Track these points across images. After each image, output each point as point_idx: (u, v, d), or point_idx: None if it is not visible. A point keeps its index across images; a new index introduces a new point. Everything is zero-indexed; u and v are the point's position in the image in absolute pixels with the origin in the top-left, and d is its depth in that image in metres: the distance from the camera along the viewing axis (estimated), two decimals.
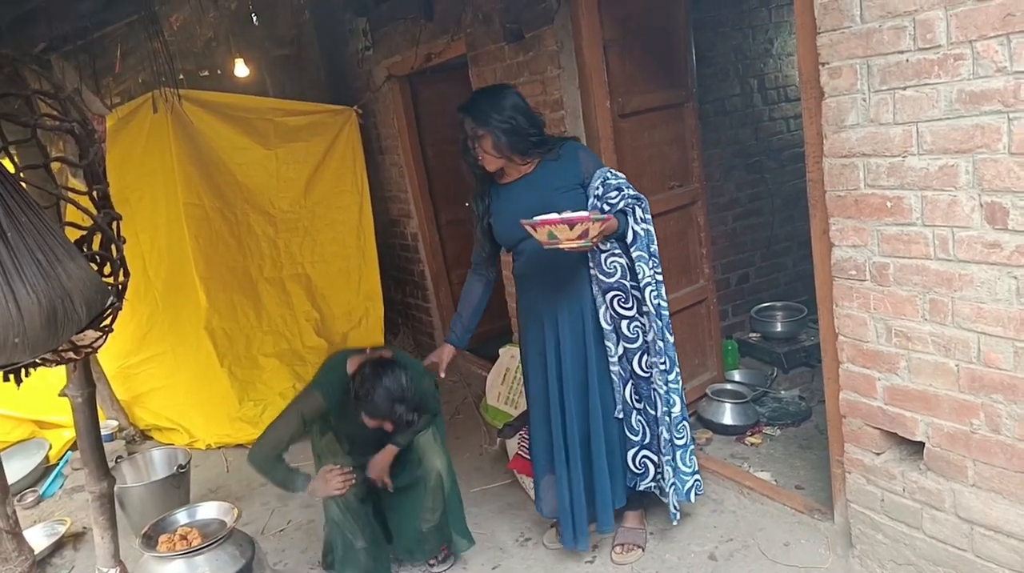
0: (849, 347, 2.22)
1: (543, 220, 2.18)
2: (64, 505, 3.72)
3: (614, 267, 2.42)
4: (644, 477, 2.60)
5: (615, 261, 2.42)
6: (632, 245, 2.40)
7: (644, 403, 2.55)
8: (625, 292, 2.44)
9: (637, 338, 2.49)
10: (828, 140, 2.10)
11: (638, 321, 2.47)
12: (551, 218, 2.18)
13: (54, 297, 1.23)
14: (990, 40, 1.69)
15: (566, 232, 2.14)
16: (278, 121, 4.53)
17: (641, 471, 2.60)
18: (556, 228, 2.15)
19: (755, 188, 4.31)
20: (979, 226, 1.81)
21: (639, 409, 2.56)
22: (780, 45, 4.28)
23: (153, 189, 4.26)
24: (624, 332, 2.48)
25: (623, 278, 2.43)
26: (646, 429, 2.57)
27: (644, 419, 2.57)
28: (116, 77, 3.99)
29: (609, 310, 2.47)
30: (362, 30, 4.78)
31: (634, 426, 2.56)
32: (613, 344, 2.49)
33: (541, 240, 2.19)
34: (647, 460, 2.59)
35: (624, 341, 2.49)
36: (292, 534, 3.19)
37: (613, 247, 2.41)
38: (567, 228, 2.14)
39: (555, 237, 2.16)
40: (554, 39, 3.15)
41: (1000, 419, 1.87)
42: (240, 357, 4.34)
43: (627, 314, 2.46)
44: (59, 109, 1.53)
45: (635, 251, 2.41)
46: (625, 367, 2.52)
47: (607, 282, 2.44)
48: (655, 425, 2.54)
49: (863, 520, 2.31)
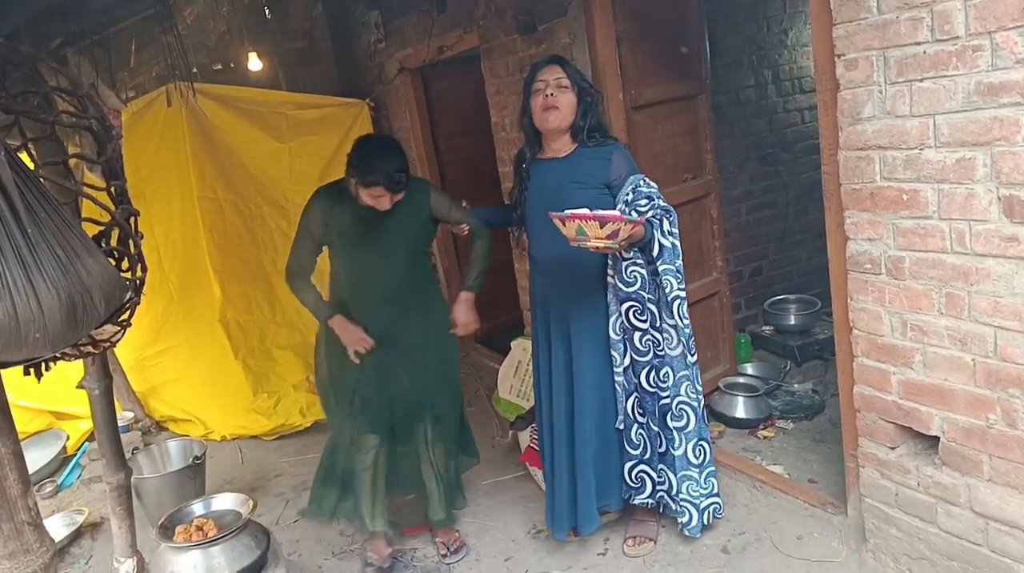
0: (864, 341, 2.21)
1: (574, 214, 2.13)
2: (82, 495, 3.77)
3: (634, 277, 2.39)
4: (640, 492, 2.57)
5: (636, 271, 2.38)
6: (659, 258, 2.36)
7: (648, 418, 2.51)
8: (642, 304, 2.41)
9: (648, 352, 2.45)
10: (843, 132, 2.09)
11: (651, 335, 2.44)
12: (582, 213, 2.13)
13: (74, 292, 1.24)
14: (1010, 31, 1.67)
15: (596, 229, 2.09)
16: (291, 114, 4.55)
17: (637, 485, 2.57)
18: (587, 224, 2.10)
19: (769, 180, 4.29)
20: (997, 219, 1.80)
21: (641, 423, 2.52)
22: (795, 36, 4.24)
23: (168, 182, 4.29)
24: (636, 345, 2.45)
25: (642, 289, 2.39)
26: (647, 444, 2.54)
27: (646, 434, 2.53)
28: (131, 71, 4.01)
29: (622, 319, 2.44)
30: (374, 23, 4.78)
31: (634, 440, 2.53)
32: (620, 354, 2.47)
33: (568, 235, 2.15)
34: (644, 475, 2.56)
35: (634, 353, 2.46)
36: (306, 525, 3.21)
37: (636, 256, 2.37)
38: (598, 225, 2.09)
39: (584, 233, 2.11)
40: (567, 32, 3.14)
41: (1017, 414, 1.86)
42: (254, 349, 4.37)
43: (641, 326, 2.43)
44: (77, 106, 1.55)
45: (662, 264, 2.36)
46: (630, 379, 2.49)
47: (626, 292, 2.40)
48: (657, 440, 2.52)
49: (877, 514, 2.31)
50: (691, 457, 2.54)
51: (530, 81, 2.45)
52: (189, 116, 4.13)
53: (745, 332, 4.04)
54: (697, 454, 2.55)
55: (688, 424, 2.52)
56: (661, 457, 2.54)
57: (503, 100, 3.73)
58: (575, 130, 2.44)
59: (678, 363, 2.48)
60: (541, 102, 2.39)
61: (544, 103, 2.38)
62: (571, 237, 2.15)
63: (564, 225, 2.14)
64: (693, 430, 2.53)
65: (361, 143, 2.49)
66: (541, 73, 2.42)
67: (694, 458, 2.55)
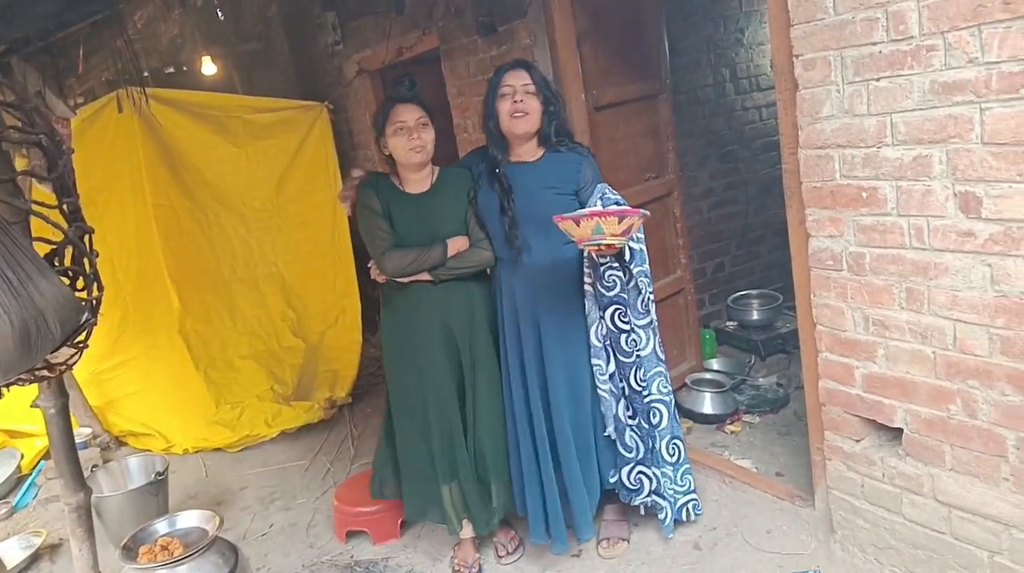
0: (827, 336, 2.24)
1: (593, 212, 2.05)
2: (39, 516, 3.64)
3: (613, 281, 2.39)
4: (639, 493, 2.56)
5: (614, 275, 2.38)
6: (631, 261, 2.38)
7: (639, 417, 2.52)
8: (625, 306, 2.42)
9: (632, 352, 2.46)
10: (803, 131, 2.12)
11: (635, 334, 2.46)
12: (600, 210, 2.06)
13: (27, 317, 1.19)
14: (962, 31, 1.70)
15: (613, 226, 2.00)
16: (247, 118, 4.45)
17: (636, 487, 2.55)
18: (605, 221, 1.99)
19: (729, 178, 4.35)
20: (953, 215, 1.84)
21: (632, 425, 2.52)
22: (751, 35, 4.30)
23: (120, 190, 4.16)
24: (622, 346, 2.45)
25: (622, 292, 2.40)
26: (639, 444, 2.53)
27: (638, 434, 2.53)
28: (79, 77, 3.89)
29: (604, 325, 2.44)
30: (331, 24, 4.71)
31: (628, 443, 2.52)
32: (604, 362, 2.46)
33: (581, 236, 2.05)
34: (642, 476, 2.55)
35: (620, 355, 2.46)
36: (275, 538, 3.16)
37: (611, 261, 2.37)
38: (616, 221, 2.00)
39: (601, 231, 2.01)
40: (527, 33, 3.13)
41: (976, 404, 1.91)
42: (216, 359, 4.28)
43: (626, 328, 2.44)
44: (24, 120, 1.48)
45: (635, 266, 2.39)
46: (617, 384, 2.49)
47: (608, 297, 2.40)
48: (649, 439, 2.53)
49: (844, 506, 2.35)
50: (665, 454, 2.56)
51: (496, 84, 2.43)
52: (142, 122, 4.02)
53: (710, 328, 4.09)
54: (672, 452, 2.57)
55: (662, 421, 2.54)
56: (652, 455, 2.56)
57: (465, 102, 3.71)
58: (543, 136, 2.44)
59: (649, 361, 2.49)
60: (509, 107, 2.38)
61: (513, 108, 2.38)
62: (584, 237, 2.05)
63: (578, 225, 2.04)
64: (666, 427, 2.54)
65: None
66: (507, 77, 2.41)
67: (668, 456, 2.57)
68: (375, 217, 2.49)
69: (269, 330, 4.54)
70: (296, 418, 4.12)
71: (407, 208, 2.49)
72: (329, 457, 3.79)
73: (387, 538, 2.93)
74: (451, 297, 2.52)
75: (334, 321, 4.75)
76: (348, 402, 4.34)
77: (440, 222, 2.50)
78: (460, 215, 2.53)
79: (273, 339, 4.55)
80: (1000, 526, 1.93)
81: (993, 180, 1.73)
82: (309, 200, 4.69)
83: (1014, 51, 1.63)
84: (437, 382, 2.55)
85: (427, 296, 2.51)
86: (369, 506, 2.93)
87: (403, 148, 2.42)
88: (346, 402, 4.33)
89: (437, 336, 2.53)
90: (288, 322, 4.61)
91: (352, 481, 3.22)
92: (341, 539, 3.00)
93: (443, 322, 2.53)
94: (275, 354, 4.51)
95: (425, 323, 2.53)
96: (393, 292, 2.59)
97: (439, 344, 2.53)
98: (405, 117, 2.41)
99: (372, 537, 2.94)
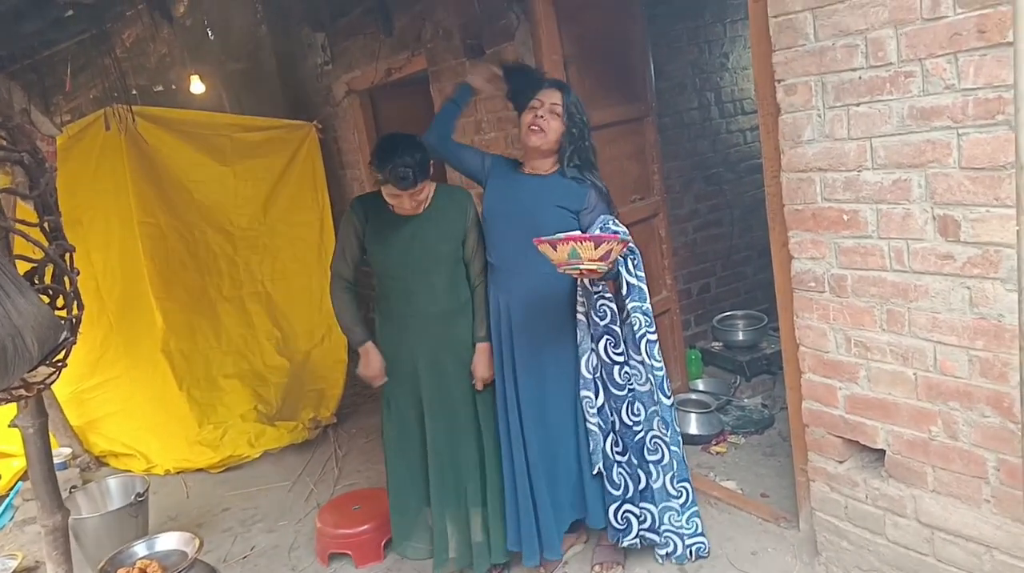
0: (810, 357, 2.26)
1: (568, 236, 2.03)
2: (15, 538, 3.58)
3: (604, 311, 2.38)
4: (627, 533, 2.52)
5: (605, 305, 2.37)
6: (628, 296, 2.36)
7: (629, 454, 2.48)
8: (616, 337, 2.40)
9: (625, 386, 2.44)
10: (785, 155, 2.15)
11: (627, 368, 2.44)
12: (575, 235, 2.04)
13: (3, 334, 1.18)
14: (939, 58, 1.74)
15: (589, 251, 1.98)
16: (235, 137, 4.46)
17: (623, 527, 2.51)
18: (581, 245, 1.98)
19: (714, 199, 4.38)
20: (932, 238, 1.86)
21: (621, 462, 2.48)
22: (735, 59, 4.36)
23: (106, 208, 4.15)
24: (615, 378, 2.42)
25: (612, 323, 2.38)
26: (627, 482, 2.49)
27: (627, 472, 2.49)
28: (66, 94, 3.89)
29: (596, 355, 2.41)
30: (320, 45, 4.74)
31: (615, 480, 2.47)
32: (593, 394, 2.42)
33: (558, 260, 2.04)
34: (629, 515, 2.51)
35: (613, 387, 2.43)
36: (256, 561, 3.11)
37: (604, 290, 2.36)
38: (592, 246, 1.98)
39: (577, 255, 1.99)
40: (515, 55, 3.16)
41: (957, 426, 1.92)
42: (199, 379, 4.24)
43: (619, 360, 2.42)
44: (7, 138, 1.48)
45: (631, 302, 2.36)
46: (606, 418, 2.45)
47: (601, 326, 2.38)
48: (637, 478, 2.50)
49: (828, 527, 2.35)
50: (670, 490, 2.53)
51: (531, 97, 2.46)
52: (128, 140, 4.00)
53: (695, 348, 4.10)
54: (678, 492, 2.54)
55: (663, 457, 2.51)
56: (641, 493, 2.52)
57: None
58: (559, 154, 2.45)
59: (647, 398, 2.47)
60: (530, 120, 2.42)
61: (532, 122, 2.41)
62: (561, 261, 2.04)
63: (555, 249, 2.03)
64: (668, 463, 2.51)
65: (379, 140, 2.45)
66: (542, 93, 2.44)
67: (674, 492, 2.53)
68: (350, 235, 2.55)
69: (254, 349, 4.51)
70: (280, 438, 4.09)
71: (397, 226, 2.49)
72: (313, 478, 3.75)
73: (370, 561, 2.90)
74: (436, 329, 2.54)
75: (320, 340, 4.73)
76: (333, 422, 4.30)
77: (434, 241, 2.50)
78: (457, 235, 2.52)
79: (258, 358, 4.51)
80: (982, 548, 1.93)
81: (971, 204, 1.76)
82: (296, 219, 4.69)
83: (989, 78, 1.66)
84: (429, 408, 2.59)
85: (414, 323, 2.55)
86: (351, 528, 2.90)
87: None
88: (331, 422, 4.30)
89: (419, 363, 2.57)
90: (273, 341, 4.59)
91: (335, 502, 3.18)
92: (323, 562, 2.97)
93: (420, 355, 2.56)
94: (260, 373, 4.48)
95: (407, 354, 2.57)
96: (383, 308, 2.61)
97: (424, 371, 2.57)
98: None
99: (355, 560, 2.90)
